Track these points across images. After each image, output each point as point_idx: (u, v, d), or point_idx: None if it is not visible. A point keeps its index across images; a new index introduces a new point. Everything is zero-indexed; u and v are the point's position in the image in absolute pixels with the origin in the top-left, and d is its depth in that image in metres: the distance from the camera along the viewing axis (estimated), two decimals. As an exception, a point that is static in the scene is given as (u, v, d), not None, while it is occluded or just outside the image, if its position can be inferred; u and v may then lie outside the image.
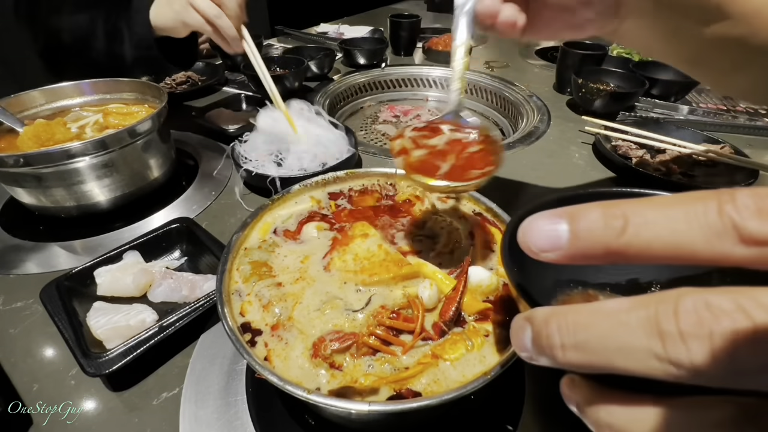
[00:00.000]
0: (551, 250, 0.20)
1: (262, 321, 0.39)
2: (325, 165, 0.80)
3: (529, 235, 0.20)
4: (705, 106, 1.15)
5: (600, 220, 0.19)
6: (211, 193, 0.83)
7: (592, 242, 0.19)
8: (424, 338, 0.38)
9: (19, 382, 0.50)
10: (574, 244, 0.19)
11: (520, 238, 0.21)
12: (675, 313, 0.16)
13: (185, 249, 0.67)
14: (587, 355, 0.18)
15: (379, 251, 0.45)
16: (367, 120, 1.32)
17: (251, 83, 1.23)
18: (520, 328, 0.21)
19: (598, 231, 0.18)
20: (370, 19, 2.13)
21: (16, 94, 0.81)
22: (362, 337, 0.37)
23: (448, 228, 0.49)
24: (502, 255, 0.31)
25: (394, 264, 0.43)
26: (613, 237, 0.18)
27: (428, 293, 0.40)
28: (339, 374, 0.36)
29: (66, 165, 0.67)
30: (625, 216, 0.18)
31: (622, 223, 0.18)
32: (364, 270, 0.43)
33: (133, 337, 0.49)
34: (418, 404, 0.31)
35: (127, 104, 0.90)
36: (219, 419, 0.45)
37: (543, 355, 0.20)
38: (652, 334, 0.16)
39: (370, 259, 0.44)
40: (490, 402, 0.47)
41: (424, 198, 0.54)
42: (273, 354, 0.37)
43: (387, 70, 1.46)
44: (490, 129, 0.46)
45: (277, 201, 0.52)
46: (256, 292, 0.42)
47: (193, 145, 0.99)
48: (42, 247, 0.70)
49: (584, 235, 0.19)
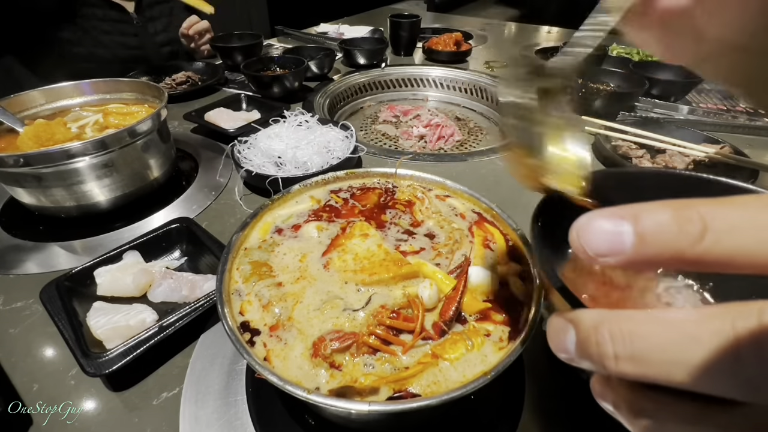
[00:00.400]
0: (611, 255, 0.17)
1: (261, 321, 0.39)
2: (324, 166, 0.80)
3: (586, 237, 0.18)
4: (705, 106, 1.15)
5: (672, 224, 0.16)
6: (211, 193, 0.83)
7: (661, 248, 0.17)
8: (424, 338, 0.38)
9: (19, 382, 0.50)
10: (640, 250, 0.17)
11: (574, 239, 0.18)
12: (760, 331, 0.14)
13: (185, 249, 0.67)
14: (644, 367, 0.17)
15: (378, 251, 0.45)
16: (367, 120, 1.32)
17: (251, 83, 1.23)
18: (562, 330, 0.20)
19: (670, 236, 0.16)
20: (370, 19, 2.13)
21: (16, 94, 0.81)
22: (362, 336, 0.37)
23: (448, 227, 0.49)
24: (535, 249, 0.28)
25: (393, 264, 0.43)
26: (687, 244, 0.16)
27: (428, 293, 0.40)
28: (338, 374, 0.36)
29: (66, 165, 0.67)
30: (704, 220, 0.16)
31: (700, 228, 0.16)
32: (364, 269, 0.43)
33: (133, 337, 0.49)
34: (418, 404, 0.30)
35: (127, 104, 0.90)
36: (219, 419, 0.45)
37: (588, 360, 0.19)
38: (728, 352, 0.15)
39: (369, 259, 0.44)
40: (490, 402, 0.47)
41: (425, 198, 0.54)
42: (272, 354, 0.37)
43: (387, 70, 1.46)
44: None
45: (277, 201, 0.52)
46: (256, 292, 0.42)
47: (193, 145, 0.99)
48: (42, 247, 0.70)
49: (652, 239, 0.17)
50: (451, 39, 1.58)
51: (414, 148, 1.14)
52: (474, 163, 0.93)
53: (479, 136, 1.23)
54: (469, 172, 0.90)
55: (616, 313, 0.18)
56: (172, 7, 1.57)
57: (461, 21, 2.26)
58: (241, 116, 1.06)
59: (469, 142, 1.19)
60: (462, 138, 1.20)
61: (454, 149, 1.16)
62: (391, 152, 0.98)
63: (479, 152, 0.97)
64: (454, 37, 1.59)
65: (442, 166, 0.92)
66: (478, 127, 1.28)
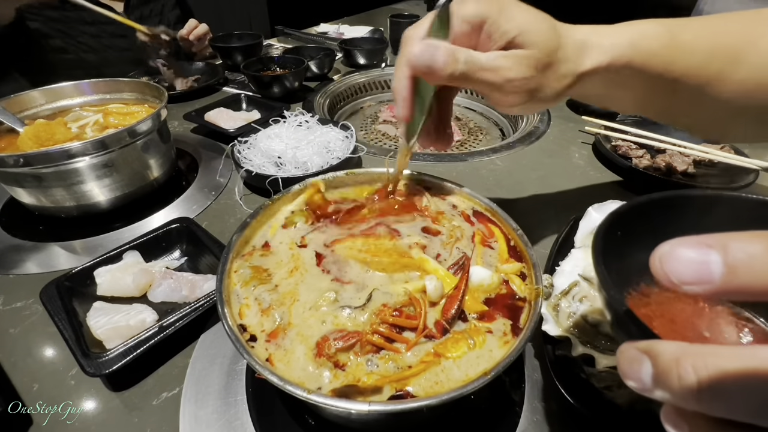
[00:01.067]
0: (698, 284, 0.17)
1: (259, 327, 0.39)
2: (324, 166, 0.80)
3: (670, 265, 0.18)
4: (705, 106, 1.15)
5: (765, 255, 0.16)
6: (211, 193, 0.83)
7: (753, 279, 0.16)
8: (426, 336, 0.38)
9: (19, 382, 0.50)
10: (730, 280, 0.17)
11: (657, 267, 0.19)
12: None
13: (185, 249, 0.67)
14: (730, 408, 0.17)
15: (386, 241, 0.46)
16: (367, 120, 1.32)
17: (251, 83, 1.23)
18: (636, 360, 0.20)
19: (763, 267, 0.16)
20: (370, 19, 2.13)
21: (16, 94, 0.81)
22: (366, 335, 0.37)
23: (449, 226, 0.50)
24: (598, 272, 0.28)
25: (396, 252, 0.44)
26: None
27: (434, 284, 0.40)
28: (342, 374, 0.35)
29: (66, 165, 0.67)
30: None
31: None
32: (369, 251, 0.43)
33: (133, 337, 0.49)
34: (418, 404, 0.30)
35: (127, 104, 0.90)
36: (219, 419, 0.45)
37: (669, 393, 0.18)
38: None
39: (376, 244, 0.45)
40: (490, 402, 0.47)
41: (425, 196, 0.54)
42: (274, 358, 0.37)
43: (387, 70, 1.46)
44: None
45: (277, 201, 0.52)
46: (256, 296, 0.42)
47: (193, 145, 0.99)
48: (42, 247, 0.70)
49: (744, 271, 0.17)
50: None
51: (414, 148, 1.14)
52: (474, 163, 0.93)
53: (479, 136, 1.23)
54: (469, 172, 0.90)
55: (700, 348, 0.18)
56: (163, 5, 1.56)
57: (461, 21, 2.25)
58: (241, 116, 1.06)
59: (469, 142, 1.19)
60: (462, 138, 1.20)
61: (454, 149, 1.16)
62: (391, 152, 0.98)
63: (479, 152, 0.97)
64: (454, 37, 1.59)
65: (442, 166, 0.92)
66: (478, 127, 1.28)
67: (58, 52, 1.38)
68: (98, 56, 1.42)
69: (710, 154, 0.87)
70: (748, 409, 0.16)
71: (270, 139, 0.85)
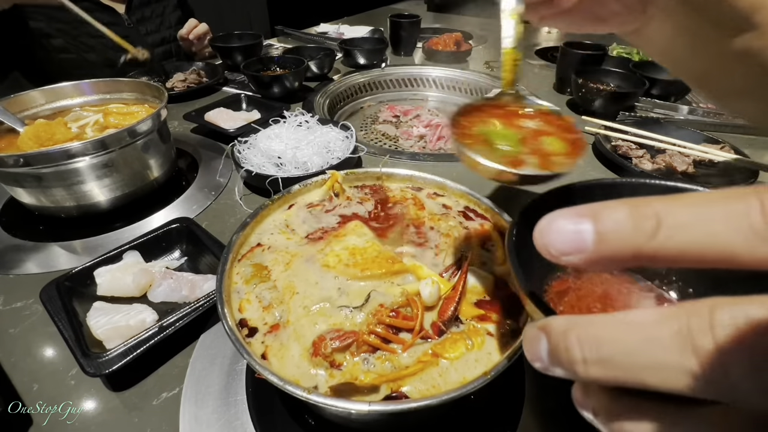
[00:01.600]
0: (574, 254, 0.18)
1: (261, 320, 0.39)
2: (324, 166, 0.80)
3: (549, 236, 0.18)
4: (705, 106, 1.15)
5: (628, 221, 0.17)
6: (211, 193, 0.83)
7: (619, 245, 0.17)
8: (423, 337, 0.38)
9: (19, 382, 0.50)
10: (600, 248, 0.17)
11: (538, 239, 0.19)
12: (711, 328, 0.15)
13: (185, 249, 0.67)
14: (612, 370, 0.17)
15: (371, 247, 0.45)
16: (367, 120, 1.32)
17: (251, 83, 1.23)
18: (535, 338, 0.20)
19: (627, 233, 0.17)
20: (370, 19, 2.13)
21: (16, 94, 0.82)
22: (362, 335, 0.37)
23: (446, 228, 0.49)
24: (509, 258, 0.29)
25: (385, 260, 0.43)
26: (643, 240, 0.16)
27: (429, 290, 0.40)
28: (338, 373, 0.36)
29: (66, 165, 0.67)
30: (658, 216, 0.16)
31: (654, 224, 0.16)
32: (357, 264, 0.43)
33: (133, 337, 0.49)
34: (418, 404, 0.31)
35: (127, 104, 0.90)
36: (219, 419, 0.45)
37: (560, 367, 0.19)
38: (685, 350, 0.15)
39: (362, 254, 0.44)
40: (490, 402, 0.47)
41: (419, 199, 0.54)
42: (270, 352, 0.37)
43: (387, 70, 1.46)
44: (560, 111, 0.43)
45: (277, 201, 0.52)
46: (257, 294, 0.42)
47: (193, 145, 0.99)
48: (42, 247, 0.70)
49: (611, 237, 0.17)
50: (451, 39, 1.58)
51: (414, 148, 1.14)
52: (474, 163, 0.93)
53: (479, 136, 1.23)
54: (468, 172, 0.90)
55: (584, 318, 0.18)
56: (164, 6, 1.56)
57: (461, 21, 2.26)
58: (241, 116, 1.06)
59: (469, 142, 1.19)
60: (462, 138, 1.20)
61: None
62: (391, 152, 0.98)
63: (479, 152, 0.97)
64: (454, 37, 1.59)
65: (441, 166, 0.92)
66: (478, 127, 1.28)
67: (59, 52, 1.38)
68: (99, 56, 1.43)
69: (710, 154, 0.87)
70: (630, 374, 0.17)
71: (270, 139, 0.85)
